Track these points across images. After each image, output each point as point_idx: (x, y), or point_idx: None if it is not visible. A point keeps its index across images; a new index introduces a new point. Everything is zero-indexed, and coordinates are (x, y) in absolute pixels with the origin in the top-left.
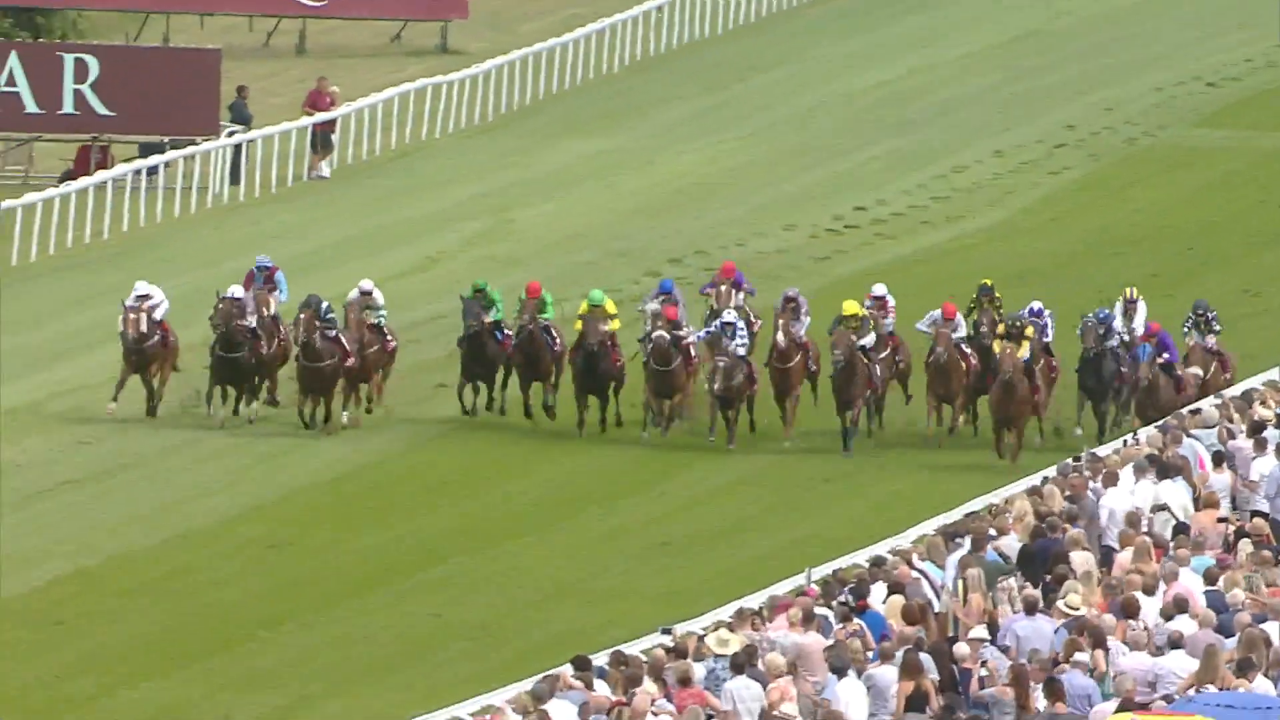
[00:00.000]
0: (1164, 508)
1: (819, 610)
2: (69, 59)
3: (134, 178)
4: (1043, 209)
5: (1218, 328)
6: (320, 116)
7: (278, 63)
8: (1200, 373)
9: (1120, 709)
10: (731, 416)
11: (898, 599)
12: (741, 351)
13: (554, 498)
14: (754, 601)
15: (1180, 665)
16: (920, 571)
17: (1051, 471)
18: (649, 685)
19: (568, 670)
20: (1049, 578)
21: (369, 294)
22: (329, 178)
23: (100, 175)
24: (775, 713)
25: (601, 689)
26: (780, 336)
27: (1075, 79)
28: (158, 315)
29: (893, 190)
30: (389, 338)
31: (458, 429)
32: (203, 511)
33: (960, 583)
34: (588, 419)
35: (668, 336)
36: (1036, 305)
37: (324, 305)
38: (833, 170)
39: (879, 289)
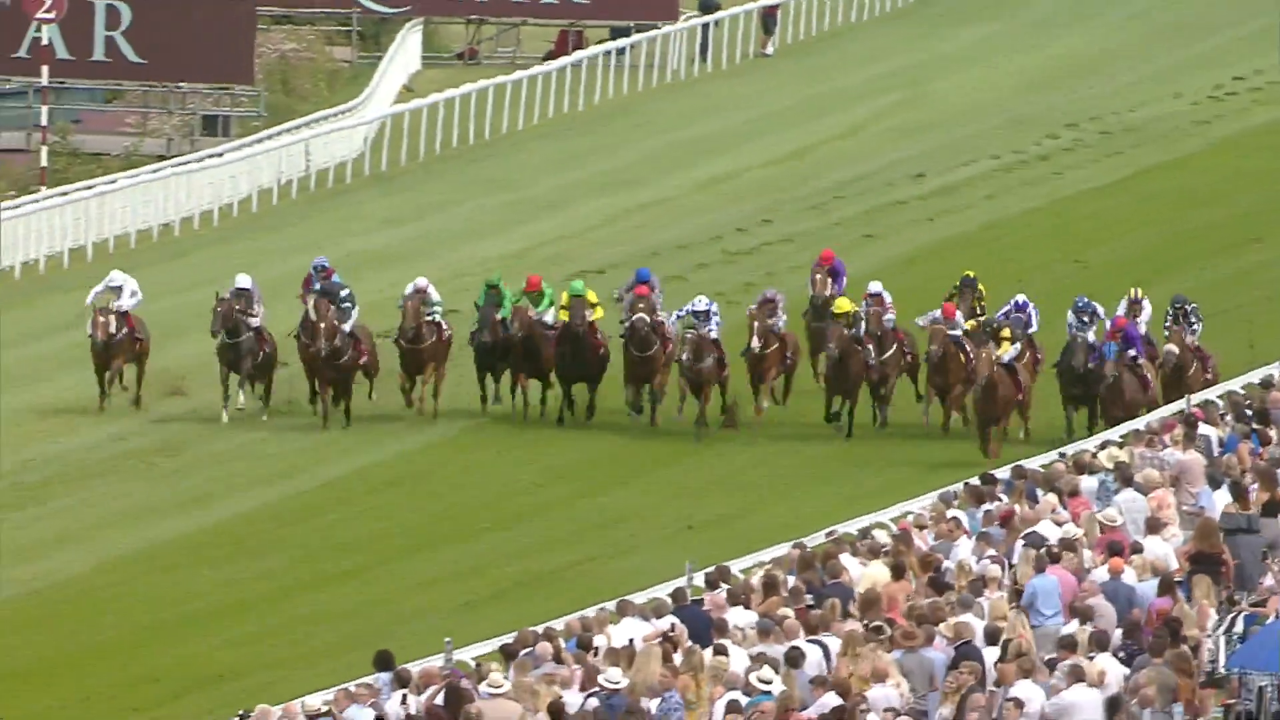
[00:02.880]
0: None
1: (1204, 430)
2: None
3: (604, 57)
4: None
5: (1196, 323)
6: (766, 1)
7: None
8: (1176, 350)
9: None
10: (703, 398)
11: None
12: (714, 335)
13: None
14: (1140, 424)
15: None
16: None
17: None
18: (1050, 496)
19: (976, 482)
20: None
21: (423, 291)
22: (772, 55)
23: (576, 55)
24: (1156, 519)
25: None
26: (755, 341)
27: None
28: (125, 307)
29: (1266, 61)
30: (445, 328)
31: None
32: None
33: None
34: (571, 405)
35: (648, 320)
36: (1020, 298)
37: (343, 293)
38: (1211, 44)
39: (874, 286)
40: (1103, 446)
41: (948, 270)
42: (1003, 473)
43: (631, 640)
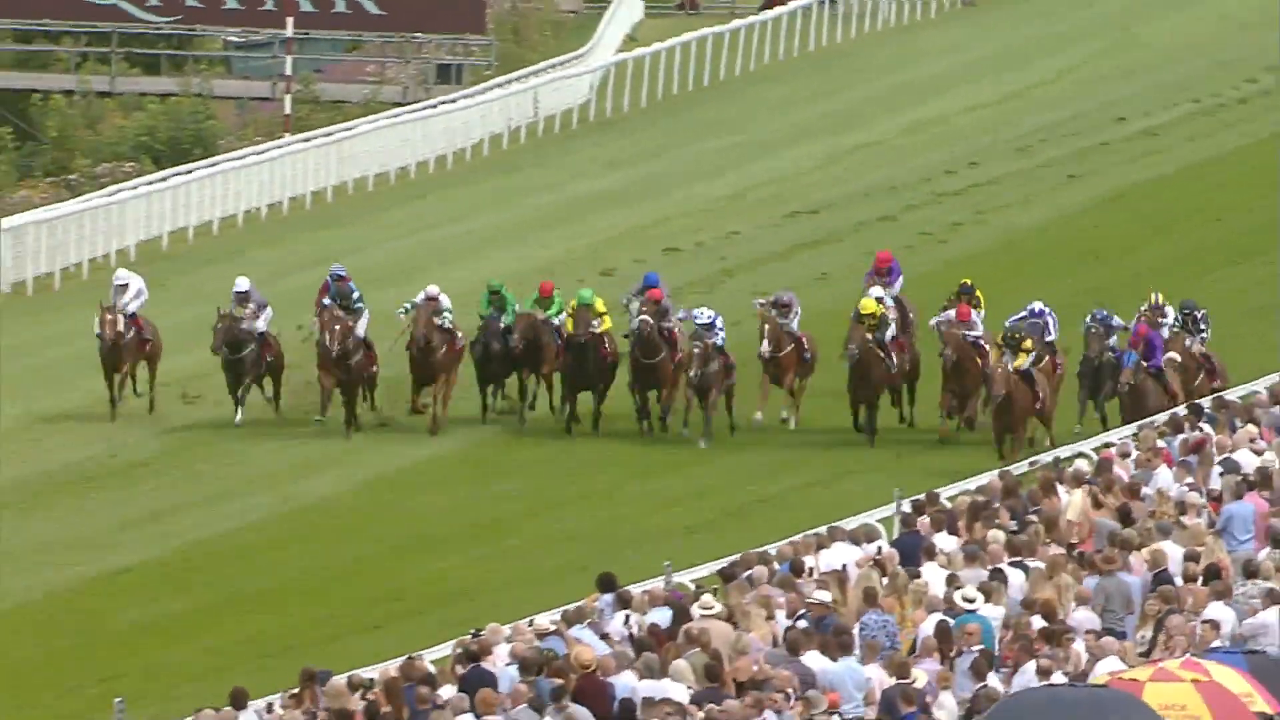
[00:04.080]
0: None
1: None
2: None
3: (818, 7)
4: None
5: (1205, 329)
6: None
7: None
8: (1178, 358)
9: None
10: (708, 405)
11: None
12: (720, 343)
13: None
14: None
15: None
16: None
17: None
18: (1249, 426)
19: (1181, 411)
20: None
21: (434, 299)
22: (976, 4)
23: (791, 4)
24: None
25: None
26: (765, 345)
27: None
28: (132, 308)
29: None
30: (457, 338)
31: None
32: None
33: None
34: (578, 413)
35: (651, 322)
36: (1037, 305)
37: (354, 295)
38: None
39: (876, 291)
40: None
41: (1150, 209)
42: (1206, 402)
43: (844, 565)
